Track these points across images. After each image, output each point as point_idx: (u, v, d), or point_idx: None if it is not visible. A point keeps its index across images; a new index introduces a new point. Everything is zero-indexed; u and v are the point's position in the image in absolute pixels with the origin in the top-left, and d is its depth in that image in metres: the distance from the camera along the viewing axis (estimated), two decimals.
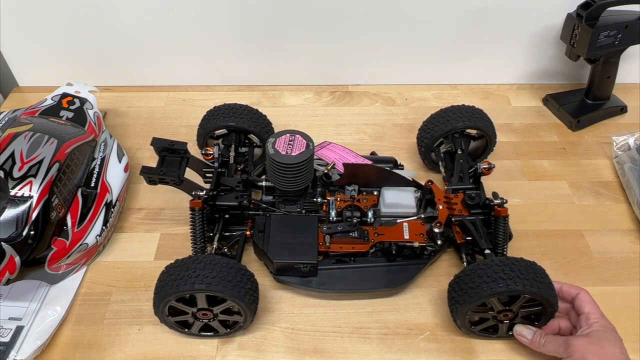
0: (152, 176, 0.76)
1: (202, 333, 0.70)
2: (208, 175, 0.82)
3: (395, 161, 0.84)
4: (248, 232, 0.76)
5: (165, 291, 0.63)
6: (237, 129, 0.87)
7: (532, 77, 1.13)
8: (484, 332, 0.70)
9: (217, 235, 0.74)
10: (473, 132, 0.89)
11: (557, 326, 0.68)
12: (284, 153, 0.73)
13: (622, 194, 0.91)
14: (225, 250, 0.75)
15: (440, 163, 0.89)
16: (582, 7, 0.91)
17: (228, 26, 1.03)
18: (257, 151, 0.91)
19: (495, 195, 0.75)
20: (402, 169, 0.84)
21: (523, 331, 0.66)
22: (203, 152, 0.81)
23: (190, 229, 0.74)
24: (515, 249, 0.80)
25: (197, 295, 0.64)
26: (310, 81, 1.13)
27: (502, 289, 0.61)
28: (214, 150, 0.81)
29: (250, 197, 0.77)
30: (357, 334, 0.72)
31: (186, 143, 0.79)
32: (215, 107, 0.89)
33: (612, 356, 0.60)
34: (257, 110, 0.90)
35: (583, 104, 1.04)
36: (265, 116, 0.91)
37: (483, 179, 0.81)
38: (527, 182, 0.93)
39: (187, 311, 0.66)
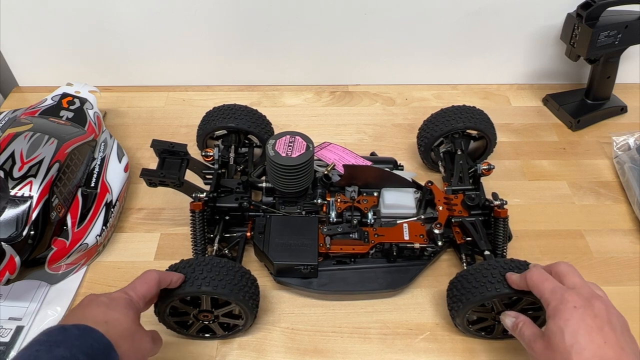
0: (152, 178, 0.75)
1: (200, 334, 0.70)
2: (208, 176, 0.82)
3: (395, 162, 0.84)
4: (248, 234, 0.76)
5: (169, 291, 0.63)
6: (236, 130, 0.87)
7: (532, 77, 1.13)
8: (480, 331, 0.70)
9: (218, 236, 0.74)
10: (473, 132, 0.89)
11: None
12: (284, 155, 0.73)
13: (622, 194, 0.91)
14: (226, 251, 0.75)
15: (440, 163, 0.89)
16: (582, 7, 0.91)
17: (228, 26, 1.03)
18: (257, 151, 0.91)
19: (495, 196, 0.75)
20: (402, 169, 0.84)
21: (505, 319, 0.61)
22: (203, 153, 0.81)
23: (191, 230, 0.74)
24: (515, 249, 0.80)
25: (202, 297, 0.64)
26: (310, 81, 1.13)
27: (506, 291, 0.61)
28: (214, 152, 0.81)
29: (250, 199, 0.77)
30: (357, 334, 0.72)
31: (186, 145, 0.79)
32: (214, 108, 0.89)
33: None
34: (256, 110, 0.89)
35: (583, 104, 1.04)
36: (265, 117, 0.90)
37: (483, 179, 0.81)
38: (527, 182, 0.93)
39: (188, 312, 0.66)
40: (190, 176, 0.80)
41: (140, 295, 0.57)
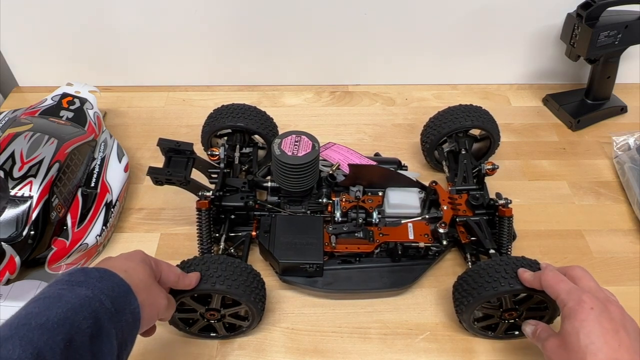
0: (159, 177, 0.75)
1: (202, 333, 0.70)
2: (213, 175, 0.82)
3: (399, 162, 0.84)
4: (253, 233, 0.76)
5: None
6: (244, 130, 0.87)
7: (532, 77, 1.13)
8: (483, 329, 0.70)
9: (224, 235, 0.74)
10: (477, 133, 0.89)
11: None
12: (290, 154, 0.73)
13: (622, 194, 0.91)
14: (232, 250, 0.75)
15: (444, 162, 0.89)
16: (582, 7, 0.91)
17: (228, 26, 1.03)
18: (261, 152, 0.91)
19: (499, 195, 0.76)
20: (406, 169, 0.84)
21: (526, 327, 0.61)
22: (209, 153, 0.81)
23: (197, 229, 0.73)
24: (515, 249, 0.80)
25: (213, 296, 0.64)
26: (310, 81, 1.13)
27: (519, 287, 0.61)
28: (219, 151, 0.81)
29: (255, 198, 0.77)
30: (357, 334, 0.72)
31: (192, 144, 0.79)
32: (223, 106, 0.88)
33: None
34: (264, 112, 0.89)
35: (583, 104, 1.05)
36: (271, 118, 0.90)
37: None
38: (527, 182, 0.93)
39: (196, 309, 0.66)
40: (196, 175, 0.80)
41: (158, 270, 0.57)
